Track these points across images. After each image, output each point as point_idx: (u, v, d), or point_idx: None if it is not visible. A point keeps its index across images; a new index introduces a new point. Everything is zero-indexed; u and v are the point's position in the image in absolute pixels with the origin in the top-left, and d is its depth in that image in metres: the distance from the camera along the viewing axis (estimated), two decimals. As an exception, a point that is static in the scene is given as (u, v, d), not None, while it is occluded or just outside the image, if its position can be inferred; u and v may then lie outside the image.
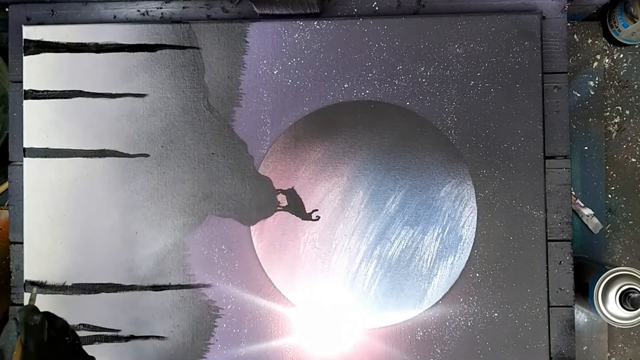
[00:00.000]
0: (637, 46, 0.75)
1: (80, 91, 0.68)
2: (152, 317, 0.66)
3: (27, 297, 0.66)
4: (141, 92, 0.67)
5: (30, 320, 0.50)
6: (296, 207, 0.66)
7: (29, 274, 0.67)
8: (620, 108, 0.76)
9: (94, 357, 0.53)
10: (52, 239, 0.67)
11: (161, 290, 0.66)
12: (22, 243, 0.68)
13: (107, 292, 0.67)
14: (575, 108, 0.75)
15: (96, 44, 0.68)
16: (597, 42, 0.76)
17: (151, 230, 0.67)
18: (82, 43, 0.68)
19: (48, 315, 0.52)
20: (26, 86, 0.68)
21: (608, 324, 0.65)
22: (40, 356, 0.48)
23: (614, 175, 0.76)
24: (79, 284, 0.67)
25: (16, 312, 0.51)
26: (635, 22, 0.69)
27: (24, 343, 0.49)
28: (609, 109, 0.76)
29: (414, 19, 0.66)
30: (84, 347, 0.56)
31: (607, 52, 0.76)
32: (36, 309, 0.51)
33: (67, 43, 0.68)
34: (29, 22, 0.70)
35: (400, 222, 0.65)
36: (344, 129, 0.66)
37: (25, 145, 0.68)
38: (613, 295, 0.62)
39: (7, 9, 0.71)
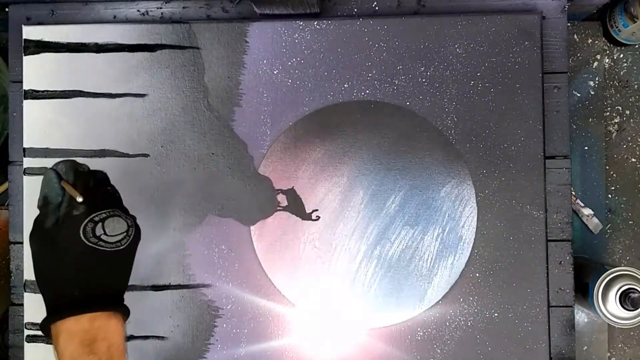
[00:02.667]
0: (637, 46, 0.75)
1: (80, 91, 0.68)
2: (152, 317, 0.66)
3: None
4: (141, 92, 0.67)
5: (79, 167, 0.51)
6: (296, 207, 0.66)
7: (28, 274, 0.67)
8: (620, 108, 0.76)
9: (135, 217, 0.53)
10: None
11: (161, 290, 0.66)
12: (22, 243, 0.68)
13: (107, 292, 0.67)
14: (575, 108, 0.75)
15: (96, 44, 0.68)
16: (597, 42, 0.76)
17: (151, 230, 0.67)
18: (82, 43, 0.68)
19: (91, 171, 0.53)
20: (26, 86, 0.68)
21: (608, 324, 0.65)
22: (85, 198, 0.49)
23: (614, 175, 0.76)
24: (79, 284, 0.67)
25: (56, 165, 0.51)
26: (635, 22, 0.69)
27: (73, 185, 0.50)
28: (609, 109, 0.76)
29: (414, 19, 0.66)
30: None
31: (607, 52, 0.76)
32: (76, 160, 0.52)
33: (67, 43, 0.68)
34: (29, 22, 0.70)
35: (400, 222, 0.65)
36: (344, 129, 0.66)
37: (25, 145, 0.68)
38: (613, 295, 0.62)
39: (7, 9, 0.71)
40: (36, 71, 0.68)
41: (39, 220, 0.50)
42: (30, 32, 0.68)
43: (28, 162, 0.68)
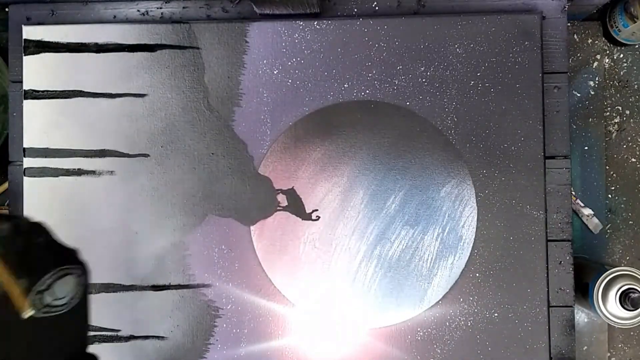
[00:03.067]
0: (637, 46, 0.75)
1: (80, 91, 0.68)
2: (152, 317, 0.66)
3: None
4: (141, 92, 0.67)
5: (0, 232, 0.42)
6: (296, 207, 0.66)
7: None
8: (620, 108, 0.76)
9: (75, 250, 0.47)
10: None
11: (161, 290, 0.66)
12: (22, 243, 0.68)
13: (107, 292, 0.67)
14: (575, 108, 0.75)
15: (96, 44, 0.68)
16: (597, 42, 0.76)
17: (151, 230, 0.67)
18: (82, 43, 0.68)
19: (10, 219, 0.44)
20: (26, 86, 0.68)
21: (608, 324, 0.65)
22: (21, 270, 0.42)
23: (614, 175, 0.76)
24: (79, 284, 0.67)
25: None
26: (635, 22, 0.69)
27: (4, 257, 0.42)
28: (609, 109, 0.76)
29: (414, 19, 0.66)
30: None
31: (607, 52, 0.76)
32: None
33: (67, 43, 0.68)
34: (29, 22, 0.70)
35: (400, 222, 0.65)
36: (344, 129, 0.66)
37: (25, 145, 0.68)
38: (613, 295, 0.62)
39: (7, 9, 0.71)
40: (36, 71, 0.68)
41: None
42: (30, 32, 0.68)
43: (28, 162, 0.68)
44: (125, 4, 0.70)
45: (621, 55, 0.76)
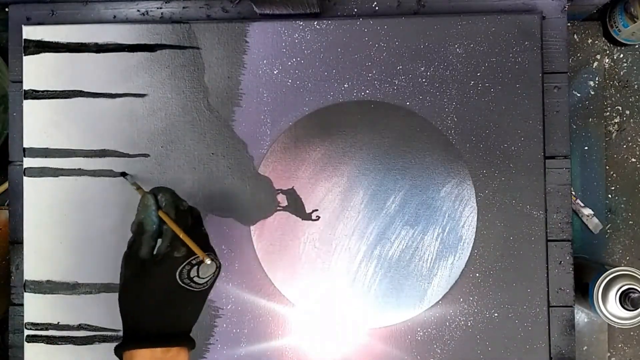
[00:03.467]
0: (637, 46, 0.75)
1: (80, 91, 0.68)
2: (152, 317, 0.66)
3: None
4: (141, 92, 0.67)
5: (181, 205, 0.53)
6: (296, 207, 0.66)
7: (28, 274, 0.67)
8: (620, 108, 0.76)
9: (215, 250, 0.54)
10: (52, 239, 0.67)
11: (161, 290, 0.66)
12: (22, 243, 0.68)
13: (107, 292, 0.67)
14: (575, 108, 0.75)
15: (96, 44, 0.68)
16: (597, 42, 0.76)
17: (151, 230, 0.67)
18: (82, 43, 0.68)
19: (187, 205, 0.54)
20: (26, 86, 0.68)
21: (608, 324, 0.65)
22: (187, 235, 0.50)
23: (614, 175, 0.76)
24: (79, 283, 0.67)
25: (157, 193, 0.52)
26: (635, 22, 0.69)
27: (175, 222, 0.51)
28: (609, 109, 0.76)
29: (414, 19, 0.66)
30: (84, 347, 0.57)
31: (607, 52, 0.76)
32: (178, 196, 0.53)
33: (67, 43, 0.68)
34: (29, 22, 0.70)
35: (400, 222, 0.65)
36: (344, 129, 0.66)
37: (25, 145, 0.68)
38: (613, 295, 0.62)
39: (7, 9, 0.71)
40: (36, 71, 0.68)
41: (134, 248, 0.51)
42: (30, 32, 0.68)
43: (28, 162, 0.68)
44: (125, 4, 0.70)
45: (621, 55, 0.76)
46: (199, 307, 0.53)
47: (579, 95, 0.76)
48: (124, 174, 0.66)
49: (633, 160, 0.76)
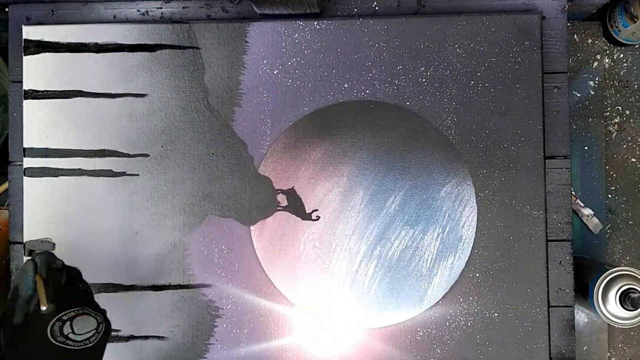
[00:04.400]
0: (637, 46, 0.75)
1: (80, 91, 0.68)
2: (152, 317, 0.66)
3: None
4: (141, 92, 0.67)
5: (53, 263, 0.52)
6: (296, 207, 0.66)
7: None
8: (620, 108, 0.76)
9: (105, 310, 0.53)
10: (52, 239, 0.67)
11: (161, 290, 0.66)
12: (22, 243, 0.68)
13: (107, 292, 0.67)
14: (575, 108, 0.75)
15: (96, 44, 0.68)
16: (597, 42, 0.76)
17: (151, 230, 0.67)
18: (82, 43, 0.68)
19: (64, 265, 0.54)
20: (26, 86, 0.68)
21: (608, 324, 0.65)
22: (57, 297, 0.49)
23: (614, 175, 0.76)
24: (79, 284, 0.67)
25: (34, 254, 0.52)
26: (635, 22, 0.69)
27: (45, 282, 0.50)
28: (609, 109, 0.76)
29: (414, 19, 0.66)
30: None
31: (607, 52, 0.76)
32: (54, 256, 0.53)
33: (67, 43, 0.68)
34: (29, 22, 0.70)
35: (400, 222, 0.65)
36: (344, 129, 0.66)
37: (25, 145, 0.68)
38: (613, 295, 0.62)
39: (7, 9, 0.71)
40: (36, 71, 0.68)
41: (7, 316, 0.49)
42: (30, 32, 0.68)
43: (28, 162, 0.68)
44: (125, 4, 0.70)
45: (621, 55, 0.76)
46: None
47: (579, 95, 0.76)
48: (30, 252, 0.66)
49: (633, 160, 0.76)
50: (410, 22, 0.66)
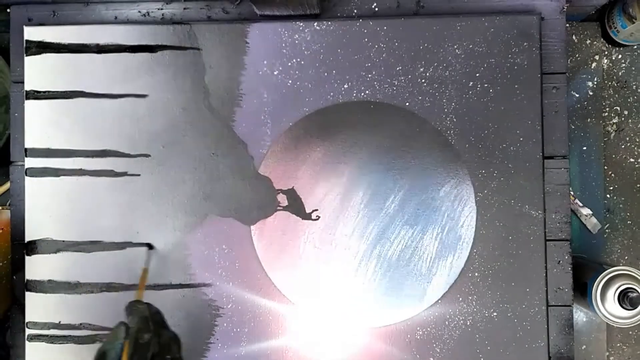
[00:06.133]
0: (635, 47, 0.76)
1: (82, 92, 0.68)
2: (153, 317, 0.66)
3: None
4: (142, 93, 0.68)
5: (141, 338, 0.51)
6: (296, 207, 0.66)
7: (29, 274, 0.67)
8: (618, 108, 0.76)
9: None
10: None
11: (162, 289, 0.67)
12: (23, 243, 0.68)
13: (108, 292, 0.67)
14: (574, 108, 0.75)
15: (97, 45, 0.68)
16: (595, 42, 0.76)
17: (152, 230, 0.67)
18: (83, 44, 0.68)
19: (157, 325, 0.53)
20: (28, 87, 0.68)
21: (607, 323, 0.65)
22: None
23: (613, 175, 0.76)
24: (81, 283, 0.67)
25: (128, 314, 0.52)
26: (633, 22, 0.69)
27: (130, 357, 0.50)
28: (607, 109, 0.76)
29: (413, 20, 0.66)
30: (85, 346, 0.56)
31: (606, 52, 0.76)
32: (147, 321, 0.53)
33: (69, 44, 0.68)
34: (31, 22, 0.70)
35: (400, 222, 0.66)
36: (344, 129, 0.67)
37: (26, 146, 0.68)
38: (612, 294, 0.62)
39: (8, 10, 0.71)
40: (38, 72, 0.68)
41: None
42: (32, 33, 0.68)
43: (29, 163, 0.68)
44: (126, 5, 0.70)
45: (619, 56, 0.76)
46: None
47: (577, 95, 0.76)
48: (150, 246, 0.66)
49: (631, 160, 0.76)
50: (410, 23, 0.66)
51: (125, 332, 0.51)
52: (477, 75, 0.66)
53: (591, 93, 0.76)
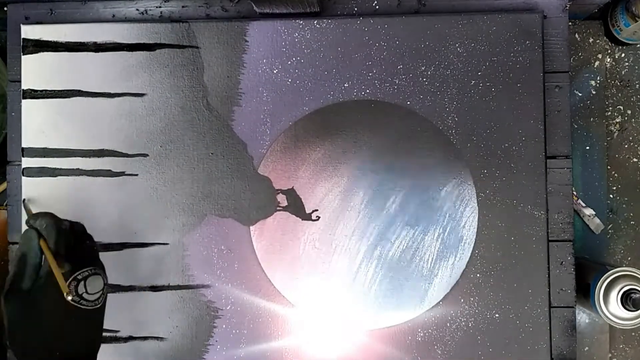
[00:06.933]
0: (638, 45, 0.75)
1: (79, 90, 0.67)
2: (151, 318, 0.66)
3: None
4: (140, 92, 0.67)
5: (62, 224, 0.51)
6: (296, 207, 0.66)
7: (27, 275, 0.67)
8: (621, 107, 0.76)
9: (104, 267, 0.54)
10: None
11: (160, 290, 0.66)
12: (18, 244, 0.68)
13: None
14: (576, 107, 0.75)
15: (95, 43, 0.67)
16: (598, 41, 0.75)
17: (150, 230, 0.66)
18: (80, 42, 0.67)
19: (70, 222, 0.53)
20: (25, 85, 0.68)
21: (609, 324, 0.65)
22: (69, 260, 0.49)
23: (616, 175, 0.75)
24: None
25: (34, 221, 0.51)
26: (636, 21, 0.69)
27: (55, 247, 0.49)
28: (610, 108, 0.76)
29: (414, 18, 0.66)
30: None
31: (609, 51, 0.76)
32: (58, 217, 0.52)
33: (66, 42, 0.68)
34: (28, 21, 0.70)
35: (401, 223, 0.65)
36: (344, 129, 0.66)
37: (23, 145, 0.68)
38: (614, 295, 0.62)
39: (5, 8, 0.70)
40: (35, 70, 0.68)
41: (14, 281, 0.48)
42: (29, 32, 0.68)
43: (26, 162, 0.67)
44: (124, 3, 0.69)
45: (622, 55, 0.76)
46: (99, 329, 0.52)
47: (580, 94, 0.75)
48: (23, 201, 0.66)
49: (635, 160, 0.75)
50: (411, 21, 0.66)
51: (37, 233, 0.50)
52: (479, 74, 0.65)
53: (594, 92, 0.75)
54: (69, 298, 0.47)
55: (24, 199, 0.66)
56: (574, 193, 0.74)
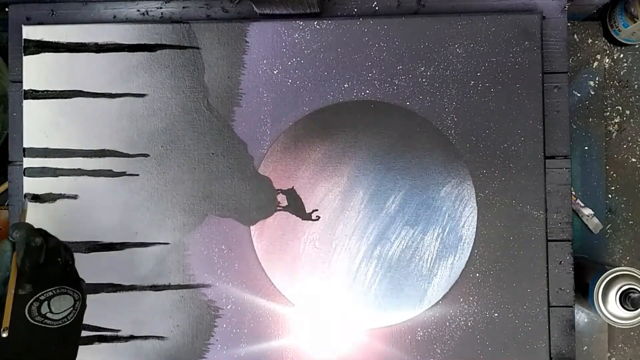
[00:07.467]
0: (637, 46, 0.75)
1: (80, 91, 0.68)
2: (152, 317, 0.66)
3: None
4: (141, 92, 0.67)
5: (32, 241, 0.49)
6: (296, 207, 0.66)
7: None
8: (620, 108, 0.76)
9: (83, 280, 0.53)
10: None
11: (161, 290, 0.66)
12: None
13: (107, 292, 0.67)
14: (575, 108, 0.75)
15: (96, 44, 0.68)
16: (597, 42, 0.76)
17: (151, 230, 0.67)
18: (81, 43, 0.68)
19: (42, 234, 0.51)
20: (26, 86, 0.68)
21: (608, 324, 0.65)
22: (33, 277, 0.48)
23: (614, 175, 0.76)
24: (79, 284, 0.67)
25: (13, 231, 0.50)
26: (635, 22, 0.69)
27: (21, 264, 0.48)
28: (609, 108, 0.76)
29: (414, 19, 0.66)
30: (84, 347, 0.55)
31: (607, 52, 0.76)
32: (35, 229, 0.51)
33: (67, 43, 0.68)
34: (29, 22, 0.70)
35: (401, 222, 0.65)
36: (344, 129, 0.66)
37: (25, 145, 0.68)
38: (613, 295, 0.62)
39: (7, 9, 0.71)
40: (36, 71, 0.68)
41: None
42: (30, 32, 0.68)
43: (28, 162, 0.68)
44: (125, 4, 0.70)
45: (621, 55, 0.76)
46: (71, 344, 0.50)
47: (579, 95, 0.75)
48: (25, 196, 0.66)
49: (633, 160, 0.76)
50: (410, 22, 0.66)
51: (10, 245, 0.49)
52: (478, 74, 0.65)
53: (593, 92, 0.75)
54: (4, 335, 0.46)
55: (25, 197, 0.67)
56: (573, 193, 0.74)
